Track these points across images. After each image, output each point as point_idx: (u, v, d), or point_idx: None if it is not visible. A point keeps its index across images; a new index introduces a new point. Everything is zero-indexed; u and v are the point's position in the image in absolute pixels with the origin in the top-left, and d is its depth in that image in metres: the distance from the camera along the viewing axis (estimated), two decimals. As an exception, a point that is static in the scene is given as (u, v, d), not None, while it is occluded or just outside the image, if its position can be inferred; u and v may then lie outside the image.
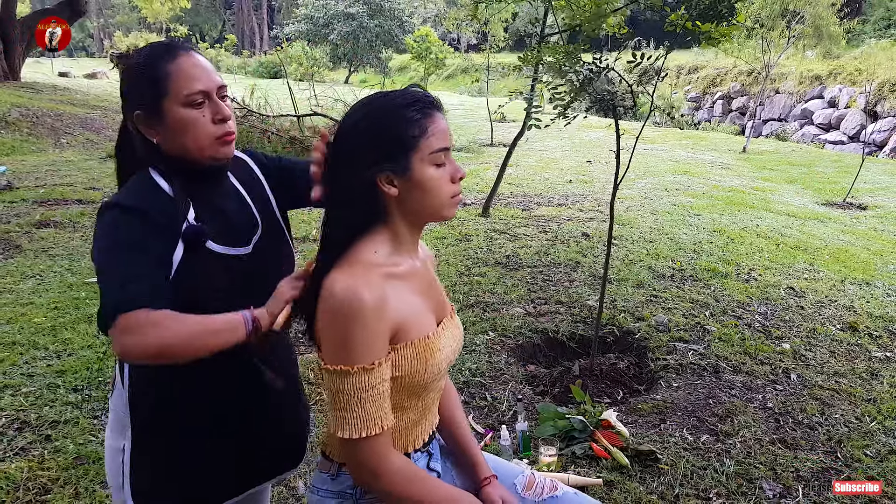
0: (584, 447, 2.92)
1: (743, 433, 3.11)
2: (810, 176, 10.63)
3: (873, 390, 3.62)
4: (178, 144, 1.41)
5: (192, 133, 1.40)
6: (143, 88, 1.38)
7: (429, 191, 1.29)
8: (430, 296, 1.43)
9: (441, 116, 1.32)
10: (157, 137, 1.40)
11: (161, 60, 1.39)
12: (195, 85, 1.40)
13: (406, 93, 1.32)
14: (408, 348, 1.30)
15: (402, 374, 1.31)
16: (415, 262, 1.40)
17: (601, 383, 3.61)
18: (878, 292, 5.18)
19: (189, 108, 1.39)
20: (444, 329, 1.42)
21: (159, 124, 1.39)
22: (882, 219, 7.94)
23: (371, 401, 1.24)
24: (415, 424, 1.43)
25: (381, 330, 1.25)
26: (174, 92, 1.38)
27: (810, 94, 20.35)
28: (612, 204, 3.48)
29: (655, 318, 4.29)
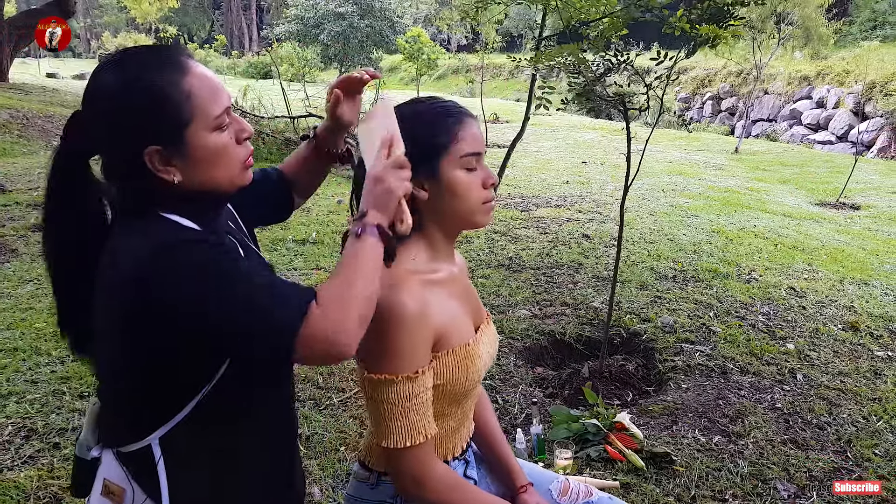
0: (598, 450, 2.92)
1: (754, 434, 3.12)
2: (803, 176, 10.71)
3: (878, 389, 3.64)
4: (206, 178, 1.14)
5: (223, 162, 1.15)
6: (156, 118, 1.08)
7: (459, 195, 1.30)
8: (468, 302, 1.44)
9: (473, 123, 1.33)
10: (177, 177, 1.11)
11: (174, 76, 1.09)
12: (220, 102, 1.14)
13: (436, 99, 1.34)
14: (449, 356, 1.30)
15: (444, 383, 1.31)
16: (452, 268, 1.41)
17: (610, 385, 3.62)
18: (877, 292, 5.22)
19: (218, 132, 1.13)
20: (482, 335, 1.42)
21: (181, 159, 1.11)
22: (875, 219, 8.01)
23: (415, 410, 1.23)
24: (454, 432, 1.42)
25: (424, 337, 1.25)
26: (201, 116, 1.11)
27: (799, 94, 20.51)
28: (623, 206, 3.49)
29: (661, 319, 4.30)
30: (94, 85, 1.10)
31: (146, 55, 1.12)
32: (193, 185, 1.13)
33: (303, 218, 6.64)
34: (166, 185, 1.11)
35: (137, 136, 1.08)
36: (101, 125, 1.10)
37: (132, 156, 1.09)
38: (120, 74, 1.08)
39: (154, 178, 1.10)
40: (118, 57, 1.12)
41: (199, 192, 1.15)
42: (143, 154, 1.08)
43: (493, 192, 1.37)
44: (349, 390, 3.44)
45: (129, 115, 1.08)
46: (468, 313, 1.41)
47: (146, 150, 1.08)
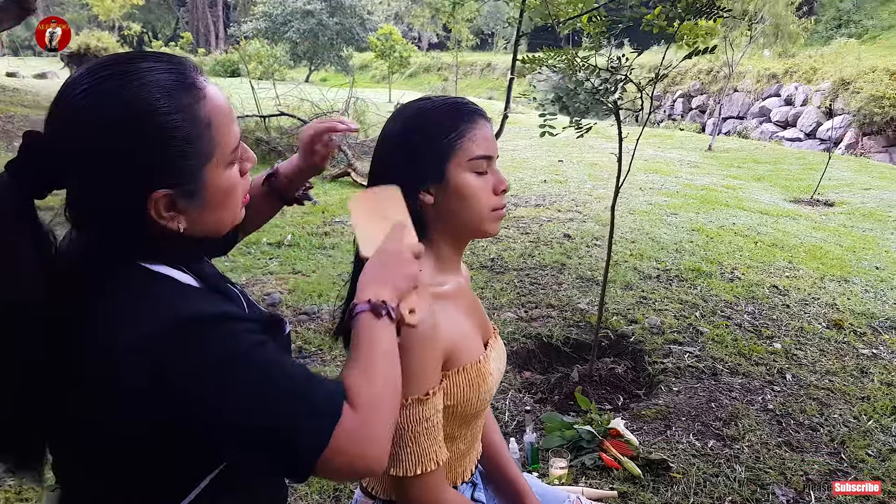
0: (593, 457, 2.86)
1: (749, 437, 3.08)
2: (776, 173, 10.80)
3: (865, 388, 3.64)
4: (212, 222, 0.96)
5: (232, 201, 0.97)
6: (172, 156, 0.87)
7: (466, 199, 1.20)
8: (476, 316, 1.35)
9: (484, 123, 1.23)
10: (181, 224, 0.91)
11: (192, 101, 0.88)
12: (235, 130, 0.95)
13: (446, 98, 1.25)
14: (460, 374, 1.21)
15: (455, 403, 1.22)
16: (458, 280, 1.32)
17: (601, 389, 3.56)
18: (857, 289, 5.24)
19: (230, 167, 0.94)
20: (491, 350, 1.33)
21: (192, 204, 0.91)
22: (850, 215, 8.08)
23: (426, 434, 1.14)
24: (464, 456, 1.34)
25: (434, 356, 1.16)
26: (220, 150, 0.92)
27: (767, 92, 20.75)
28: (613, 207, 3.42)
29: (648, 320, 4.26)
30: (77, 107, 0.84)
31: (155, 71, 0.87)
32: (194, 231, 0.94)
33: (277, 220, 6.49)
34: (161, 234, 0.90)
35: (143, 177, 0.86)
36: (91, 156, 0.84)
37: (130, 201, 0.87)
38: (118, 99, 0.84)
39: (151, 226, 0.89)
40: (109, 73, 0.85)
41: (195, 239, 0.95)
42: (148, 199, 0.86)
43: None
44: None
45: (136, 150, 0.85)
46: (477, 328, 1.32)
47: (152, 196, 0.86)
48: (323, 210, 7.02)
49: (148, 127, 0.84)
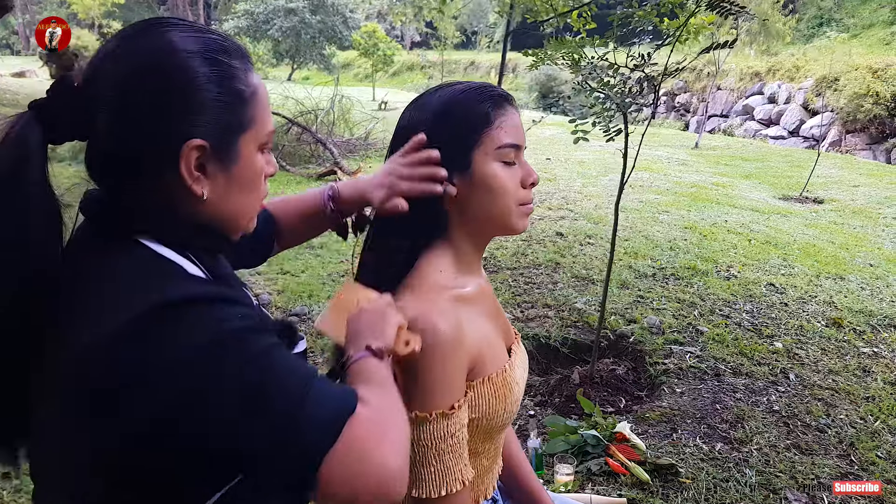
0: (599, 463, 2.76)
1: (757, 440, 3.00)
2: (764, 171, 10.80)
3: (869, 388, 3.57)
4: (234, 206, 0.86)
5: (256, 192, 0.89)
6: (216, 107, 0.79)
7: (493, 192, 1.09)
8: (498, 320, 1.23)
9: (513, 110, 1.12)
10: (206, 191, 0.81)
11: (243, 68, 0.83)
12: (271, 120, 0.89)
13: (471, 83, 1.13)
14: (485, 385, 1.10)
15: (479, 416, 1.10)
16: (479, 281, 1.20)
17: (602, 391, 3.46)
18: (853, 286, 5.20)
19: (260, 154, 0.87)
20: (514, 357, 1.21)
21: (222, 171, 0.82)
22: (839, 212, 8.07)
23: (451, 452, 1.03)
24: (487, 472, 1.22)
25: (459, 366, 1.05)
26: (259, 126, 0.85)
27: (750, 90, 20.83)
28: (617, 206, 3.33)
29: (647, 319, 4.17)
30: (126, 47, 0.78)
31: (212, 33, 0.82)
32: (214, 209, 0.84)
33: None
34: (179, 202, 0.80)
35: (184, 122, 0.77)
36: (129, 102, 0.76)
37: (163, 146, 0.77)
38: (177, 40, 0.77)
39: (171, 188, 0.79)
40: (168, 22, 0.80)
41: (212, 223, 0.85)
42: (182, 148, 0.77)
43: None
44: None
45: (182, 92, 0.77)
46: (500, 333, 1.21)
47: (188, 143, 0.77)
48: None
49: (198, 67, 0.77)
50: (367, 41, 20.67)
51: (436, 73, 25.74)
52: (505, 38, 6.51)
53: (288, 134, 9.93)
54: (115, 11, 42.79)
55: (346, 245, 5.63)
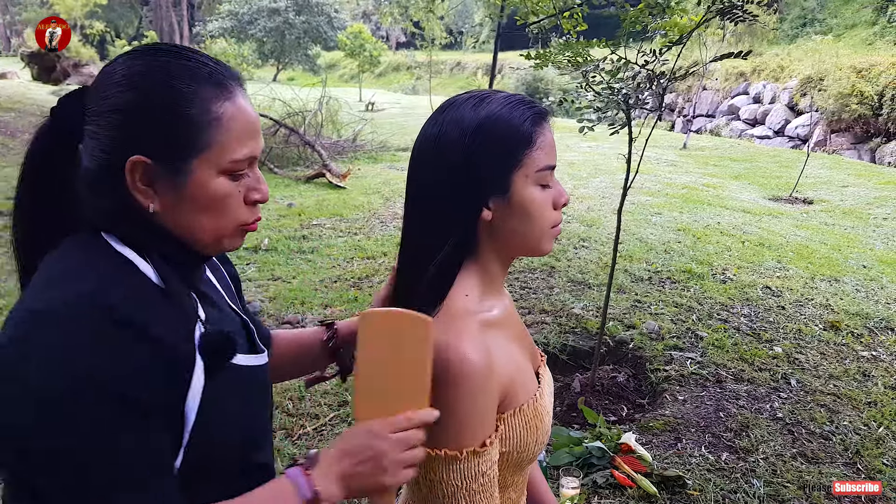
0: (605, 475, 2.70)
1: (763, 448, 2.96)
2: (753, 171, 10.81)
3: (871, 393, 3.55)
4: (188, 223, 0.88)
5: (217, 214, 0.89)
6: (165, 127, 0.84)
7: (529, 216, 1.01)
8: (523, 344, 1.14)
9: (549, 127, 1.03)
10: (154, 204, 0.86)
11: (209, 94, 0.86)
12: (247, 147, 0.89)
13: (509, 97, 1.03)
14: (517, 416, 1.02)
15: (510, 450, 1.03)
16: (504, 302, 1.11)
17: (603, 399, 3.41)
18: (848, 288, 5.18)
19: (226, 178, 0.88)
20: (543, 384, 1.13)
21: (171, 189, 0.86)
22: (830, 213, 8.08)
23: (482, 492, 0.96)
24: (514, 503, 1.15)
25: (491, 398, 0.97)
26: (216, 151, 0.86)
27: (736, 90, 20.92)
28: (620, 211, 3.27)
29: (645, 325, 4.13)
30: (115, 65, 0.88)
31: (188, 59, 0.88)
32: (167, 222, 0.88)
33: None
34: (134, 209, 0.86)
35: (130, 137, 0.84)
36: (99, 111, 0.85)
37: (114, 159, 0.84)
38: (149, 64, 0.86)
39: (124, 195, 0.85)
40: (158, 48, 0.89)
41: (171, 234, 0.89)
42: (125, 162, 0.83)
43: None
44: (323, 416, 3.13)
45: (133, 111, 0.84)
46: (528, 357, 1.13)
47: (131, 158, 0.83)
48: (300, 213, 6.79)
49: (156, 93, 0.84)
50: (353, 42, 20.54)
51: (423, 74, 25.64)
52: (496, 41, 6.47)
53: (276, 136, 9.82)
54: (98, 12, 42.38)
55: (339, 251, 5.55)
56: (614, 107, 2.87)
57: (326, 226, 6.36)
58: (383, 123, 13.45)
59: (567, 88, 3.77)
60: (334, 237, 5.98)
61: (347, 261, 5.32)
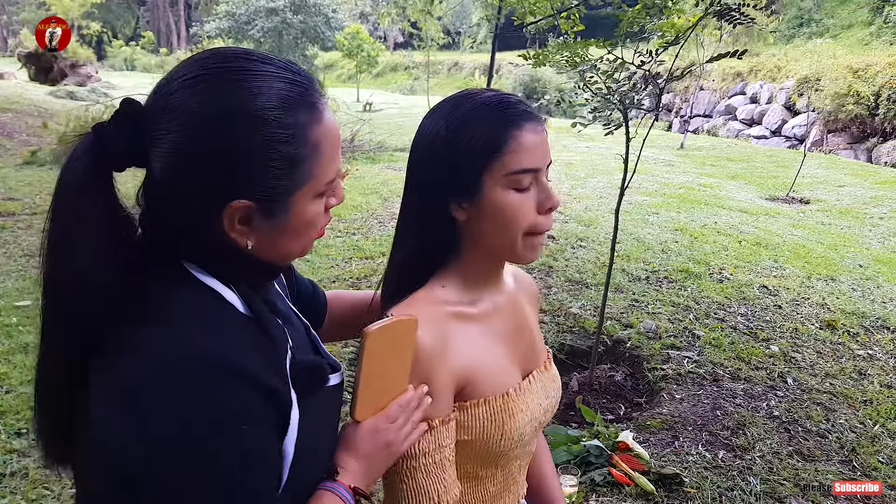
0: (603, 473, 2.72)
1: (759, 446, 2.97)
2: (750, 171, 10.85)
3: (866, 391, 3.57)
4: (283, 250, 0.86)
5: (309, 234, 0.87)
6: (267, 171, 0.78)
7: (499, 220, 1.00)
8: (517, 342, 1.15)
9: (534, 128, 1.01)
10: (251, 241, 0.81)
11: (307, 120, 0.80)
12: (337, 162, 0.86)
13: (492, 96, 1.03)
14: (479, 407, 1.04)
15: (473, 439, 1.04)
16: (496, 299, 1.12)
17: (601, 398, 3.42)
18: (844, 287, 5.21)
19: (320, 199, 0.85)
20: (531, 384, 1.13)
21: (270, 226, 0.82)
22: (826, 213, 8.11)
23: (424, 471, 0.98)
24: (494, 498, 1.14)
25: (441, 382, 0.99)
26: (317, 179, 0.82)
27: (733, 90, 20.97)
28: (617, 213, 3.29)
29: (643, 324, 4.14)
30: (191, 87, 0.76)
31: (279, 78, 0.79)
32: (259, 254, 0.84)
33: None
34: (226, 245, 0.80)
35: (231, 181, 0.77)
36: (185, 144, 0.75)
37: (210, 201, 0.77)
38: (238, 95, 0.76)
39: (219, 233, 0.79)
40: (236, 61, 0.78)
41: (259, 261, 0.85)
42: (226, 206, 0.77)
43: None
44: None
45: (233, 151, 0.75)
46: (513, 356, 1.13)
47: (232, 204, 0.77)
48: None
49: (254, 132, 0.76)
50: (350, 42, 20.56)
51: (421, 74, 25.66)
52: (494, 41, 6.48)
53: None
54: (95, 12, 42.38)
55: (337, 251, 5.56)
56: (610, 107, 2.88)
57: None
58: (381, 124, 13.46)
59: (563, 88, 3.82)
60: (332, 237, 5.99)
61: (346, 261, 5.33)
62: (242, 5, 31.13)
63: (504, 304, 1.15)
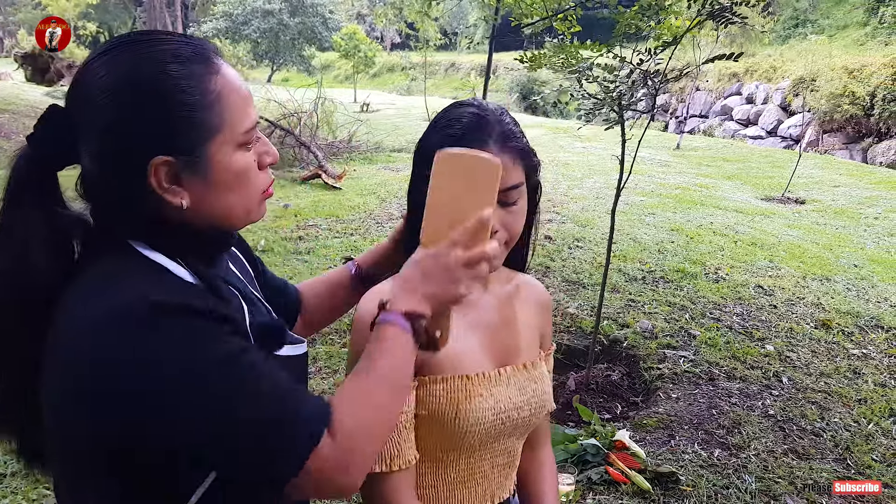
0: (600, 472, 2.75)
1: (754, 445, 3.00)
2: (746, 171, 10.88)
3: (861, 390, 3.60)
4: (220, 206, 0.89)
5: (244, 188, 0.90)
6: (175, 121, 0.82)
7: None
8: (496, 336, 1.18)
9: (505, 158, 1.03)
10: (185, 200, 0.85)
11: (202, 72, 0.84)
12: (250, 113, 0.89)
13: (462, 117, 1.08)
14: (437, 384, 1.08)
15: (429, 415, 1.08)
16: (479, 294, 1.17)
17: (598, 397, 3.45)
18: (839, 287, 5.24)
19: (243, 150, 0.89)
20: (500, 375, 1.15)
21: (198, 180, 0.85)
22: (821, 213, 8.15)
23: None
24: (455, 487, 1.16)
25: None
26: (228, 128, 0.86)
27: (729, 91, 21.03)
28: (614, 212, 3.31)
29: (639, 324, 4.17)
30: (93, 71, 0.82)
31: (167, 41, 0.85)
32: (200, 214, 0.87)
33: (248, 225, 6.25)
34: (165, 212, 0.85)
35: (145, 142, 0.82)
36: (96, 124, 0.81)
37: (133, 168, 0.82)
38: (131, 61, 0.82)
39: (153, 200, 0.84)
40: (129, 40, 0.85)
41: (203, 226, 0.89)
42: (148, 166, 0.82)
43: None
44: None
45: (138, 114, 0.81)
46: (488, 347, 1.16)
47: (152, 161, 0.82)
48: (296, 214, 6.81)
49: (154, 88, 0.81)
50: (347, 43, 20.56)
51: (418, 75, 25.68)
52: (490, 42, 6.51)
53: (271, 137, 9.83)
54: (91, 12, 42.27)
55: (335, 251, 5.58)
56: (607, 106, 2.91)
57: (322, 227, 6.38)
58: (378, 124, 13.47)
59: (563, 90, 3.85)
60: (330, 238, 6.00)
61: (344, 261, 5.35)
62: (239, 6, 31.13)
63: (490, 300, 1.19)
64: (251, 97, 0.91)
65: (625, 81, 2.84)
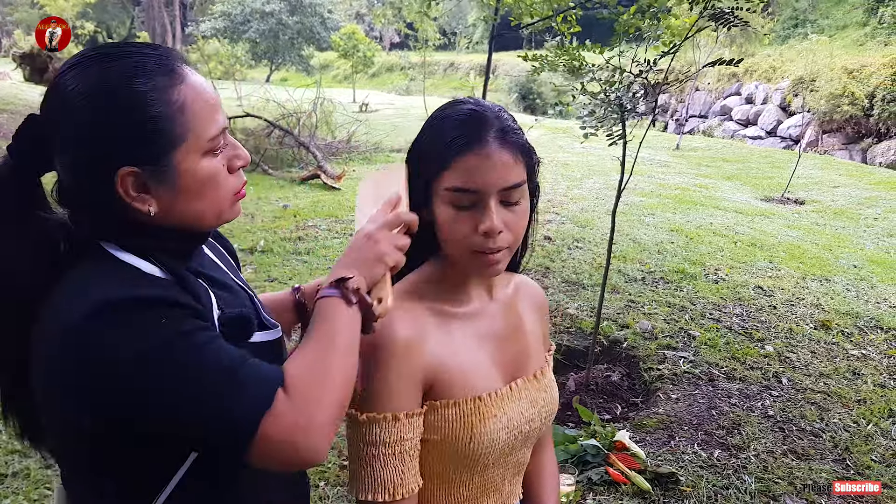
0: (600, 472, 2.75)
1: (754, 445, 3.01)
2: (745, 172, 10.89)
3: (860, 391, 3.60)
4: (188, 211, 0.93)
5: (212, 192, 0.94)
6: (138, 134, 0.86)
7: (442, 235, 1.04)
8: (505, 347, 1.16)
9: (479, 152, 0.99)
10: (153, 207, 0.90)
11: (165, 83, 0.88)
12: (217, 120, 0.93)
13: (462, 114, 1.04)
14: (449, 408, 1.05)
15: (441, 440, 1.06)
16: (486, 302, 1.15)
17: (598, 398, 3.46)
18: (839, 287, 5.25)
19: (210, 156, 0.92)
20: (512, 391, 1.13)
21: (165, 188, 0.90)
22: (821, 213, 8.16)
23: (382, 461, 1.01)
24: (467, 502, 1.15)
25: (409, 375, 1.02)
26: (193, 135, 0.90)
27: (728, 91, 21.03)
28: (614, 212, 3.32)
29: (639, 324, 4.18)
30: (63, 85, 0.86)
31: (132, 55, 0.88)
32: (170, 219, 0.92)
33: (247, 225, 6.27)
34: (135, 217, 0.90)
35: (111, 152, 0.87)
36: (66, 135, 0.86)
37: (100, 178, 0.87)
38: (97, 75, 0.86)
39: (122, 206, 0.89)
40: (96, 54, 0.89)
41: (175, 228, 0.94)
42: (115, 176, 0.86)
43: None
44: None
45: (104, 126, 0.85)
46: (498, 361, 1.14)
47: (119, 172, 0.86)
48: (295, 214, 6.81)
49: (118, 101, 0.85)
50: (346, 42, 20.56)
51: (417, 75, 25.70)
52: (490, 42, 6.51)
53: (270, 138, 9.83)
54: (89, 12, 42.24)
55: (334, 252, 5.58)
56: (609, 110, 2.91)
57: (322, 227, 6.38)
58: (377, 124, 13.47)
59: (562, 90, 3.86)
60: (329, 238, 6.01)
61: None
62: (238, 6, 31.10)
63: (497, 308, 1.16)
64: (219, 103, 0.94)
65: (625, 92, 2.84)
